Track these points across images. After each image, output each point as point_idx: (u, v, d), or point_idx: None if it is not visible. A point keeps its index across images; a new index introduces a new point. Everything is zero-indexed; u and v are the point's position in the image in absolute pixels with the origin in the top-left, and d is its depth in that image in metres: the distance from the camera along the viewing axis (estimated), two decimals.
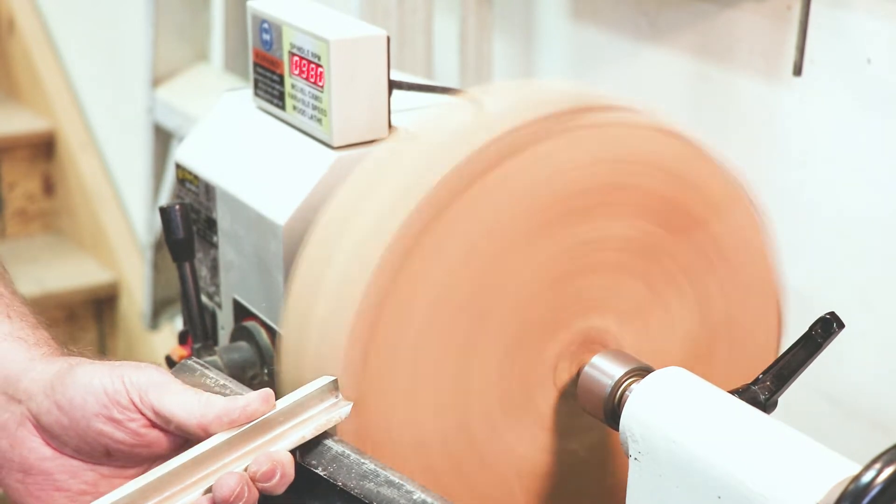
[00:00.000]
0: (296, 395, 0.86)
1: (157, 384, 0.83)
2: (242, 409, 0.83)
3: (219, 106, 1.21)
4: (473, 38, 1.77)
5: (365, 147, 1.07)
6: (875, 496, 0.72)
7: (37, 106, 3.25)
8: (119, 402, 0.82)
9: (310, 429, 0.85)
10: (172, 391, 0.83)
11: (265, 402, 0.83)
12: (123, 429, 0.82)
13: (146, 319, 2.47)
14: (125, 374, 0.83)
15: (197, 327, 1.12)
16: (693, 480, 0.81)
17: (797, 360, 0.93)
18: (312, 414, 0.86)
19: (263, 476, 0.81)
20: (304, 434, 0.85)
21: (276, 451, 0.83)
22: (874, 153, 1.37)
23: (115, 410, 0.82)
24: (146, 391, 0.83)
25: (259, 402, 0.83)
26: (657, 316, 0.99)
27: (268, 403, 0.83)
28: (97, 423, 0.82)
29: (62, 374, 0.84)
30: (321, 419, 0.86)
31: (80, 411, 0.82)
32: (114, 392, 0.82)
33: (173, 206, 1.09)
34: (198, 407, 0.82)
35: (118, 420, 0.82)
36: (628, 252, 0.96)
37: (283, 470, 0.82)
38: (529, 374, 0.95)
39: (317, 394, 0.86)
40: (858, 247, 1.41)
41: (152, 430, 0.83)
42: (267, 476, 0.81)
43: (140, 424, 0.83)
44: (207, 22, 2.30)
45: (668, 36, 1.58)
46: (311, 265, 0.95)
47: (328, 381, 0.87)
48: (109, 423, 0.82)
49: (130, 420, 0.82)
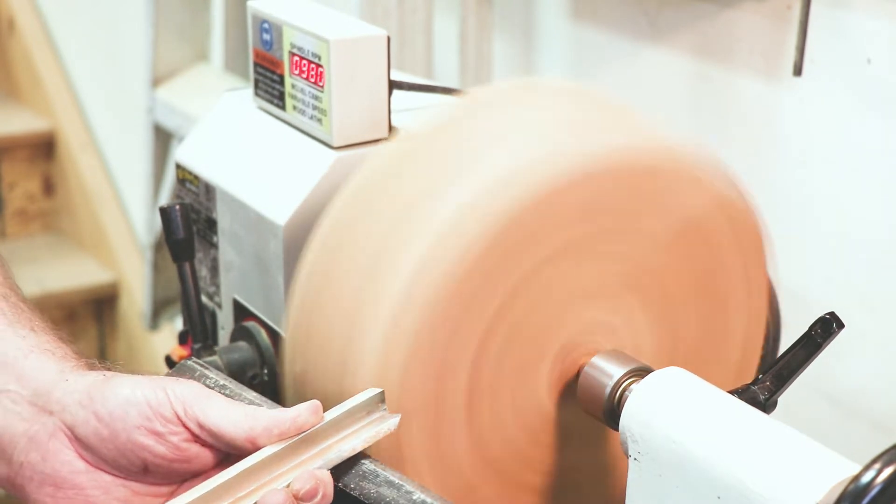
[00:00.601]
0: (343, 407, 0.84)
1: (200, 397, 0.81)
2: (293, 420, 0.81)
3: (219, 106, 1.21)
4: (473, 38, 1.77)
5: (365, 147, 1.07)
6: (875, 496, 0.72)
7: (37, 106, 3.25)
8: (163, 414, 0.80)
9: (358, 441, 0.83)
10: (217, 404, 0.81)
11: (315, 413, 0.81)
12: (165, 442, 0.80)
13: (146, 319, 2.47)
14: (168, 387, 0.81)
15: (197, 327, 1.12)
16: (693, 480, 0.81)
17: (797, 360, 0.93)
18: (359, 427, 0.84)
19: (307, 495, 0.79)
20: (353, 446, 0.83)
21: (319, 470, 0.81)
22: (874, 153, 1.37)
23: (157, 423, 0.80)
24: (191, 404, 0.81)
25: (309, 414, 0.81)
26: (657, 318, 0.99)
27: (317, 415, 0.82)
28: (138, 435, 0.80)
29: (100, 385, 0.82)
30: (369, 431, 0.84)
31: (122, 423, 0.80)
32: (157, 404, 0.80)
33: (173, 206, 1.09)
34: (244, 419, 0.80)
35: (160, 433, 0.80)
36: (629, 254, 0.96)
37: (325, 490, 0.80)
38: (530, 373, 0.95)
39: (364, 405, 0.85)
40: (858, 247, 1.41)
41: (194, 444, 0.81)
42: (310, 495, 0.79)
43: (182, 438, 0.81)
44: (207, 22, 2.30)
45: (668, 36, 1.58)
46: (319, 266, 0.95)
47: (374, 392, 0.85)
48: (151, 436, 0.80)
49: (172, 433, 0.80)
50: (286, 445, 0.80)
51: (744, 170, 1.05)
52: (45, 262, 3.10)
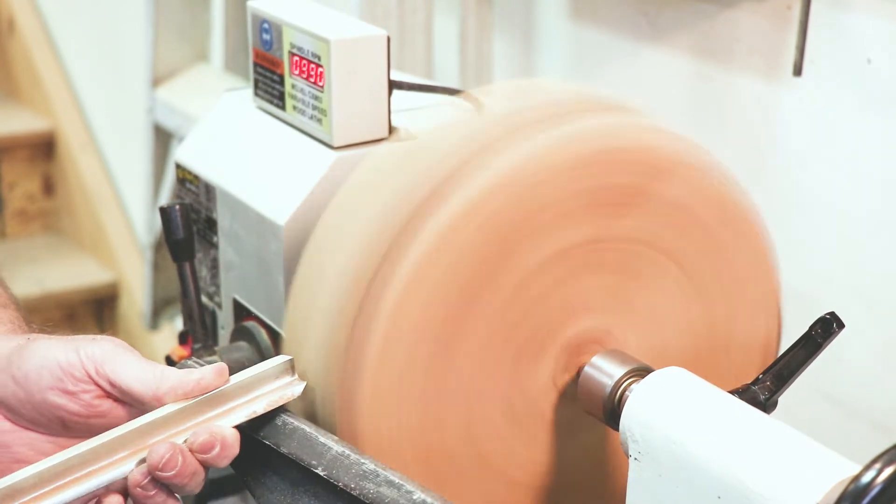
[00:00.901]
0: (250, 372, 0.87)
1: (112, 356, 0.84)
2: (196, 381, 0.84)
3: (219, 106, 1.21)
4: (473, 38, 1.77)
5: (365, 147, 1.07)
6: (875, 496, 0.72)
7: (37, 106, 3.25)
8: (73, 374, 0.83)
9: (261, 405, 0.86)
10: (128, 363, 0.84)
11: (219, 375, 0.85)
12: (77, 400, 0.83)
13: (146, 319, 2.47)
14: (80, 347, 0.84)
15: (197, 327, 1.12)
16: (693, 480, 0.81)
17: (797, 360, 0.93)
18: (266, 391, 0.87)
19: (201, 447, 0.82)
20: (255, 409, 0.86)
21: (219, 425, 0.84)
22: (874, 153, 1.37)
23: (69, 383, 0.83)
24: (102, 363, 0.84)
25: (213, 376, 0.84)
26: (654, 311, 0.99)
27: (222, 377, 0.85)
28: (52, 395, 0.83)
29: (20, 349, 0.85)
30: (274, 396, 0.87)
31: (36, 385, 0.83)
32: (68, 364, 0.83)
33: (173, 206, 1.09)
34: (153, 379, 0.83)
35: (72, 392, 0.83)
36: (616, 251, 0.96)
37: (223, 442, 0.83)
38: (530, 373, 0.95)
39: (272, 371, 0.87)
40: (858, 247, 1.41)
41: (106, 400, 0.84)
42: (205, 447, 0.82)
43: (94, 396, 0.84)
44: (207, 22, 2.30)
45: (668, 36, 1.58)
46: (314, 267, 0.95)
47: (284, 359, 0.88)
48: (64, 396, 0.83)
49: (84, 392, 0.83)
50: (187, 405, 0.83)
51: (744, 170, 1.05)
52: (45, 262, 3.10)
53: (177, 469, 0.81)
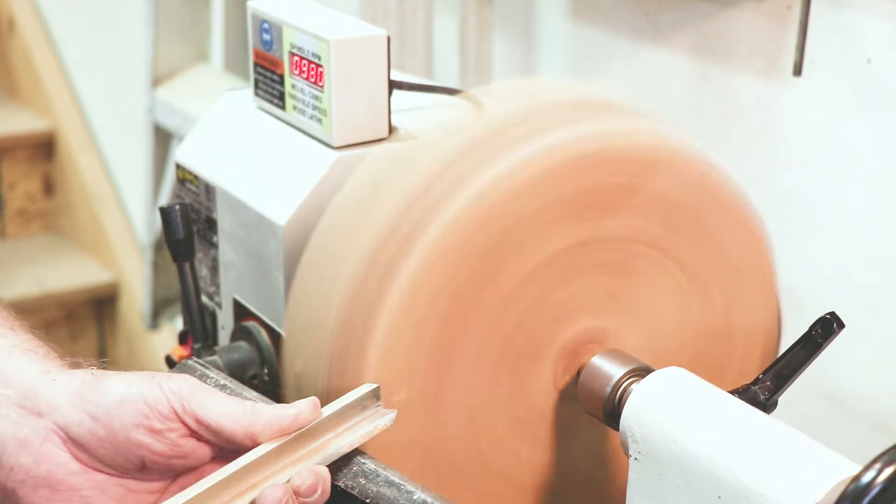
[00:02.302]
0: (339, 403, 0.84)
1: (197, 392, 0.80)
2: (294, 417, 0.80)
3: (219, 106, 1.21)
4: (473, 38, 1.77)
5: (365, 147, 1.07)
6: (875, 496, 0.72)
7: (37, 106, 3.25)
8: (160, 411, 0.79)
9: (356, 437, 0.83)
10: (216, 399, 0.81)
11: (314, 410, 0.81)
12: (163, 439, 0.80)
13: (146, 319, 2.47)
14: (163, 382, 0.80)
15: (197, 327, 1.12)
16: (693, 480, 0.81)
17: (797, 360, 0.93)
18: (355, 422, 0.84)
19: (307, 490, 0.79)
20: (351, 442, 0.83)
21: (318, 466, 0.80)
22: (874, 153, 1.37)
23: (155, 420, 0.79)
24: (188, 399, 0.80)
25: (310, 411, 0.81)
26: (652, 307, 0.98)
27: (317, 411, 0.81)
28: (136, 433, 0.79)
29: (92, 384, 0.81)
30: (367, 427, 0.84)
31: (119, 421, 0.79)
32: (154, 401, 0.79)
33: (173, 206, 1.09)
34: (244, 415, 0.80)
35: (158, 430, 0.79)
36: (606, 251, 0.96)
37: (324, 485, 0.80)
38: (529, 379, 0.95)
39: (359, 402, 0.85)
40: (858, 247, 1.41)
41: (191, 439, 0.80)
42: (310, 490, 0.79)
43: (180, 434, 0.80)
44: (207, 22, 2.30)
45: (668, 36, 1.58)
46: (317, 267, 0.95)
47: (370, 388, 0.85)
48: (149, 434, 0.79)
49: (171, 430, 0.80)
50: (285, 442, 0.80)
51: (744, 170, 1.05)
52: (45, 262, 3.10)
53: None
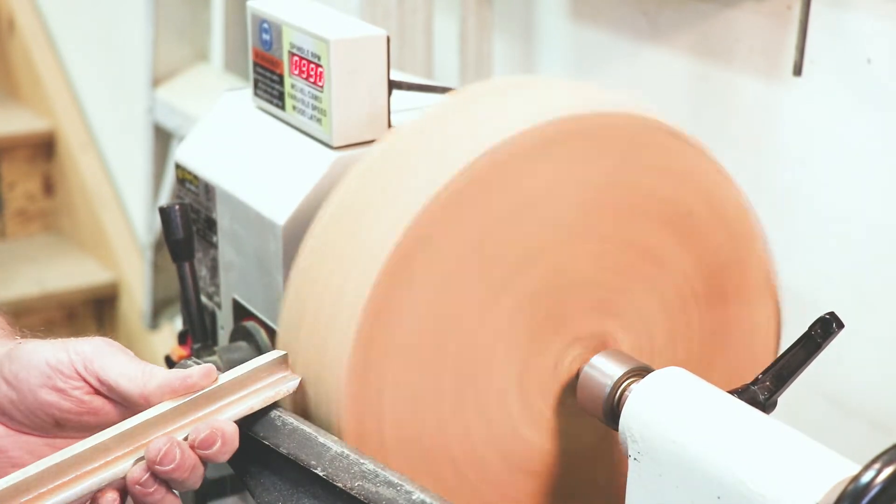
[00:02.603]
0: (245, 368, 0.87)
1: (102, 353, 0.85)
2: (183, 380, 0.84)
3: (219, 106, 1.21)
4: (473, 38, 1.77)
5: (365, 147, 1.07)
6: (875, 496, 0.72)
7: (37, 106, 3.25)
8: (62, 371, 0.84)
9: (257, 400, 0.86)
10: (117, 360, 0.85)
11: (206, 376, 0.85)
12: (68, 397, 0.84)
13: (146, 319, 2.47)
14: (70, 346, 0.85)
15: (197, 327, 1.12)
16: (693, 480, 0.81)
17: (797, 360, 0.93)
18: (260, 386, 0.87)
19: (203, 443, 0.83)
20: (251, 405, 0.86)
21: (218, 420, 0.84)
22: (874, 153, 1.37)
23: (58, 380, 0.84)
24: (91, 360, 0.84)
25: (199, 376, 0.85)
26: (653, 313, 0.99)
27: (208, 378, 0.85)
28: (42, 393, 0.84)
29: (9, 352, 0.86)
30: (269, 392, 0.87)
31: (26, 384, 0.84)
32: (56, 362, 0.84)
33: (173, 206, 1.09)
34: (140, 376, 0.84)
35: (61, 389, 0.84)
36: (631, 260, 0.96)
37: (224, 437, 0.83)
38: (529, 374, 0.95)
39: (265, 367, 0.88)
40: (858, 247, 1.41)
41: (97, 397, 0.85)
42: (207, 443, 0.83)
43: (84, 392, 0.84)
44: (207, 22, 2.30)
45: (668, 36, 1.58)
46: (312, 266, 0.95)
47: (279, 354, 0.89)
48: (54, 393, 0.84)
49: (74, 388, 0.84)
50: (180, 403, 0.84)
51: (744, 170, 1.05)
52: (45, 262, 3.10)
53: (175, 462, 0.81)
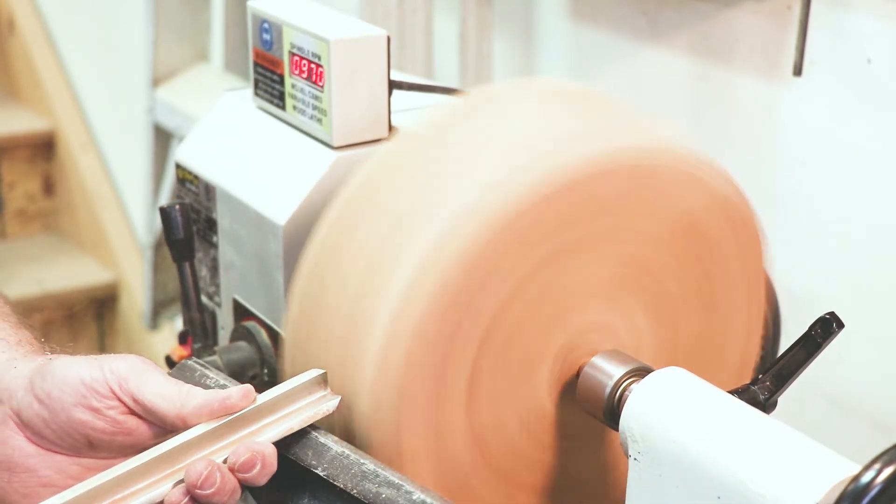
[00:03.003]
0: (282, 388, 0.85)
1: (138, 372, 0.83)
2: (222, 401, 0.83)
3: (219, 106, 1.21)
4: (473, 38, 1.77)
5: (365, 147, 1.07)
6: (875, 496, 0.72)
7: (37, 106, 3.25)
8: (97, 389, 0.82)
9: (296, 421, 0.85)
10: (153, 380, 0.83)
11: (245, 397, 0.83)
12: (102, 417, 0.82)
13: (146, 319, 2.47)
14: (104, 364, 0.83)
15: (197, 327, 1.12)
16: (693, 480, 0.81)
17: (797, 360, 0.93)
18: (299, 406, 0.85)
19: (243, 466, 0.81)
20: (290, 426, 0.84)
21: (258, 442, 0.82)
22: (874, 153, 1.37)
23: (92, 399, 0.82)
24: (126, 379, 0.83)
25: (239, 397, 0.83)
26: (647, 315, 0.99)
27: (247, 399, 0.83)
28: (76, 412, 0.82)
29: (41, 368, 0.84)
30: (308, 412, 0.85)
31: (59, 402, 0.82)
32: (91, 380, 0.82)
33: (173, 206, 1.09)
34: (177, 397, 0.82)
35: (96, 408, 0.82)
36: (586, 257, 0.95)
37: (264, 460, 0.81)
38: (530, 373, 0.95)
39: (304, 386, 0.86)
40: (858, 247, 1.41)
41: (131, 417, 0.83)
42: (247, 466, 0.81)
43: (119, 412, 0.83)
44: (207, 22, 2.30)
45: (668, 36, 1.58)
46: (317, 270, 0.95)
47: (317, 374, 0.87)
48: (88, 412, 0.82)
49: (109, 408, 0.82)
50: (218, 425, 0.82)
51: (744, 170, 1.05)
52: (45, 262, 3.10)
53: (216, 487, 0.79)
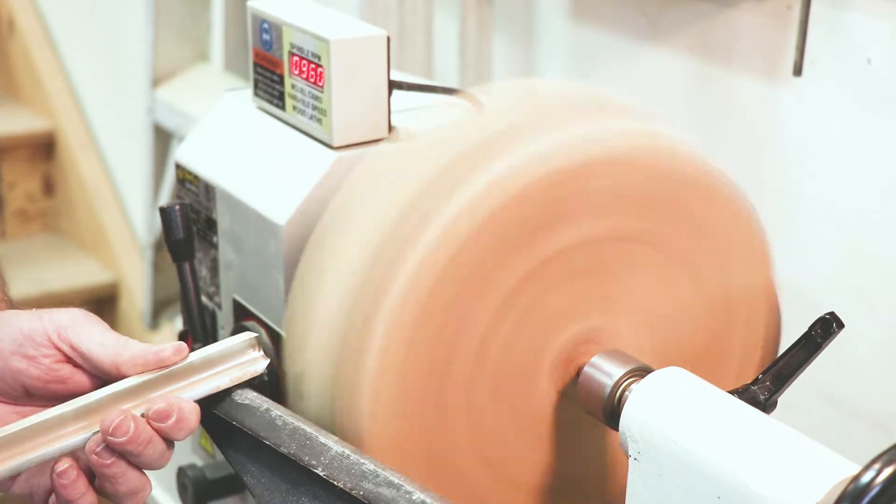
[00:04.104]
0: (215, 347, 0.87)
1: (78, 322, 0.85)
2: (155, 353, 0.85)
3: (219, 106, 1.21)
4: (473, 38, 1.77)
5: (365, 147, 1.07)
6: (875, 496, 0.72)
7: (37, 106, 3.25)
8: (34, 339, 0.84)
9: (224, 380, 0.87)
10: (93, 330, 0.85)
11: (178, 352, 0.85)
12: (37, 364, 0.84)
13: (146, 319, 2.47)
14: (45, 315, 0.86)
15: (197, 327, 1.12)
16: (693, 480, 0.81)
17: (797, 360, 0.93)
18: (230, 366, 0.88)
19: (157, 415, 0.83)
20: (218, 384, 0.87)
21: (177, 396, 0.84)
22: (874, 153, 1.37)
23: (29, 347, 0.84)
24: (66, 328, 0.85)
25: (172, 352, 0.85)
26: (640, 300, 0.98)
27: (180, 354, 0.86)
28: (14, 360, 0.84)
29: None
30: (237, 372, 0.88)
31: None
32: (30, 330, 0.85)
33: (173, 206, 1.09)
34: (114, 346, 0.84)
35: (32, 356, 0.84)
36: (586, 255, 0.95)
37: (180, 414, 0.83)
38: (530, 374, 0.95)
39: (236, 347, 0.88)
40: (858, 246, 1.41)
41: (66, 365, 0.85)
42: (160, 415, 0.83)
43: (53, 360, 0.85)
44: (207, 22, 2.30)
45: (668, 36, 1.58)
46: (316, 269, 0.95)
47: (249, 336, 0.89)
48: (24, 360, 0.84)
49: (44, 356, 0.84)
50: (152, 377, 0.84)
51: (744, 170, 1.05)
52: (45, 262, 3.10)
53: (129, 435, 0.81)
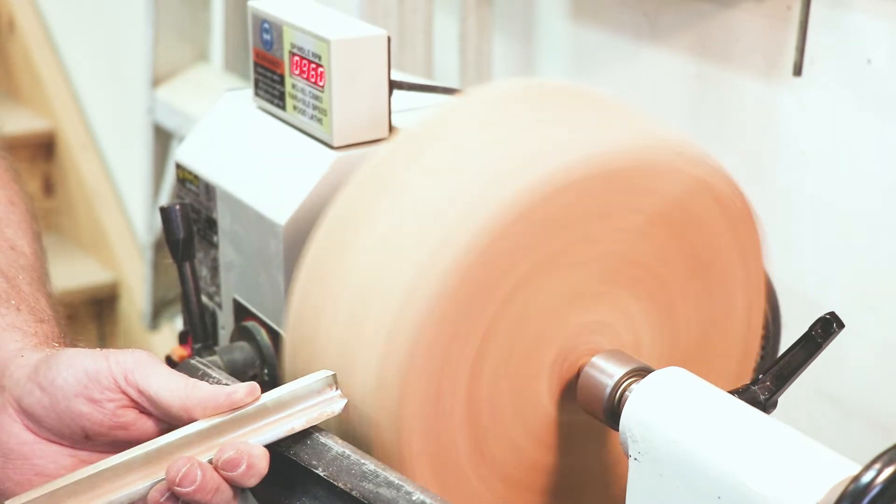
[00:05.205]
0: (289, 387, 0.84)
1: (144, 365, 0.83)
2: (227, 395, 0.82)
3: (219, 106, 1.21)
4: (473, 38, 1.77)
5: (365, 147, 1.07)
6: (875, 496, 0.72)
7: (37, 106, 3.25)
8: (100, 381, 0.82)
9: (299, 421, 0.83)
10: (160, 373, 0.83)
11: (250, 394, 0.83)
12: (101, 409, 0.82)
13: (146, 319, 2.47)
14: (111, 356, 0.83)
15: (197, 327, 1.12)
16: (693, 481, 0.81)
17: (797, 360, 0.93)
18: (305, 407, 0.84)
19: (226, 464, 0.80)
20: (293, 426, 0.83)
21: (246, 442, 0.82)
22: (874, 153, 1.37)
23: (94, 391, 0.82)
24: (132, 371, 0.82)
25: (244, 393, 0.82)
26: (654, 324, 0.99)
27: (252, 395, 0.83)
28: (77, 403, 0.82)
29: (47, 358, 0.84)
30: (313, 413, 0.84)
31: (61, 392, 0.82)
32: (95, 372, 0.82)
33: (173, 206, 1.09)
34: (183, 389, 0.82)
35: (97, 400, 0.82)
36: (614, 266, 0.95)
37: (250, 461, 0.80)
38: (530, 375, 0.95)
39: (313, 387, 0.85)
40: (858, 246, 1.41)
41: (131, 411, 0.83)
42: (230, 464, 0.80)
43: (119, 405, 0.82)
44: (207, 22, 2.30)
45: (667, 36, 1.58)
46: (318, 271, 0.95)
47: (327, 374, 0.86)
48: (89, 404, 0.82)
49: (109, 400, 0.82)
50: (223, 420, 0.81)
51: (744, 170, 1.05)
52: None
53: (196, 485, 0.79)
